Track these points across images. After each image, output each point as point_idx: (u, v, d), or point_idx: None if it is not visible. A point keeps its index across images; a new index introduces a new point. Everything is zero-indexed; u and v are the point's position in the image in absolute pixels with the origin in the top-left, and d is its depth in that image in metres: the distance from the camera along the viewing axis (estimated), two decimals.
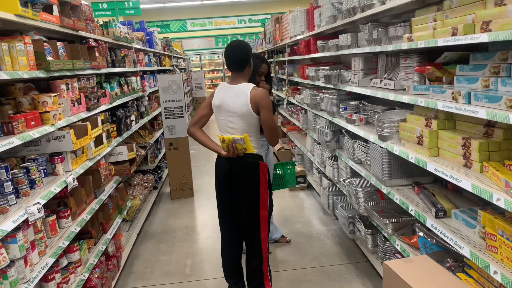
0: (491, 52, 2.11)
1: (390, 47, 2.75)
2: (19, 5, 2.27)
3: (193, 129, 2.89)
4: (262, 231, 2.82)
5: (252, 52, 2.80)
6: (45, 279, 2.43)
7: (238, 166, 2.75)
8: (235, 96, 2.71)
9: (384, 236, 3.04)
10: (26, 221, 2.14)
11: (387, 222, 2.85)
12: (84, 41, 3.51)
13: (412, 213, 2.51)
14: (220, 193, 2.91)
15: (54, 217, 2.58)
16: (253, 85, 2.74)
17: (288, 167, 3.76)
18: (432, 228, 2.29)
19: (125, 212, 4.02)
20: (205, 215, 5.02)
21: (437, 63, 2.46)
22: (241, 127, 2.73)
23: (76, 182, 2.72)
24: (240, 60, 2.72)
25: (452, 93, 2.04)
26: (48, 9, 2.76)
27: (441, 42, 2.07)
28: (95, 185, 3.23)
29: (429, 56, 2.63)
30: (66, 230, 2.65)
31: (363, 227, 3.34)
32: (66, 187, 2.61)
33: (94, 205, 3.10)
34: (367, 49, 3.17)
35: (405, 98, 2.53)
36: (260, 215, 2.80)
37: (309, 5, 4.98)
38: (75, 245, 2.76)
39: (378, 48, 2.96)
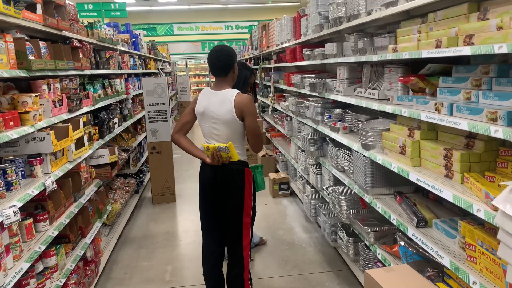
0: (473, 65, 2.15)
1: (375, 57, 2.78)
2: (1, 2, 2.22)
3: (177, 136, 2.86)
4: (245, 238, 2.80)
5: (236, 57, 2.79)
6: (19, 284, 2.35)
7: (223, 173, 2.73)
8: (219, 103, 2.68)
9: (365, 245, 3.05)
10: (1, 224, 2.07)
11: (369, 230, 2.85)
12: (68, 42, 3.45)
13: (394, 222, 2.52)
14: (204, 200, 2.88)
15: (30, 220, 2.51)
16: (237, 91, 2.73)
17: (257, 170, 3.77)
18: (413, 238, 2.31)
19: (105, 216, 3.94)
20: (187, 220, 4.96)
21: (421, 74, 2.49)
22: (226, 134, 2.71)
23: (55, 185, 2.65)
24: (224, 65, 2.71)
25: (435, 104, 2.07)
26: (31, 7, 2.70)
27: (425, 54, 2.10)
28: (75, 188, 3.16)
29: (413, 67, 2.67)
30: (43, 234, 2.58)
31: (345, 235, 3.34)
32: (45, 189, 2.55)
33: (73, 209, 3.03)
34: (352, 59, 3.20)
35: (388, 108, 2.55)
36: (243, 222, 2.78)
37: (296, 13, 5.02)
38: (52, 249, 2.69)
39: (363, 58, 2.99)
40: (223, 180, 2.73)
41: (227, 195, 2.75)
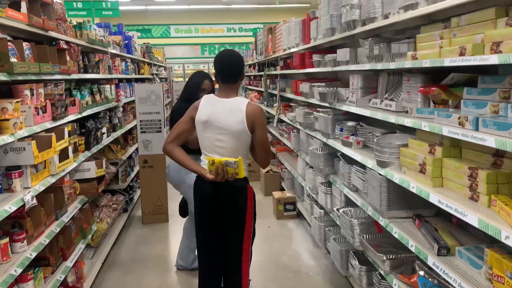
0: (501, 75, 2.15)
1: (392, 65, 2.79)
2: None
3: (170, 146, 2.83)
4: (244, 265, 2.79)
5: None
6: None
7: (225, 189, 2.72)
8: (228, 112, 2.69)
9: (380, 274, 3.02)
10: None
11: (384, 258, 2.83)
12: (54, 43, 3.50)
13: (412, 249, 2.50)
14: (202, 220, 2.86)
15: (7, 240, 2.51)
16: (248, 100, 2.76)
17: None
18: (433, 267, 2.28)
19: (90, 236, 3.93)
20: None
21: (443, 84, 2.50)
22: (232, 146, 2.72)
23: (35, 201, 2.66)
24: (235, 71, 2.75)
25: (459, 117, 2.07)
26: (15, 5, 2.75)
27: (447, 62, 2.11)
28: (57, 205, 3.16)
29: (434, 76, 2.68)
30: (20, 256, 2.57)
31: (357, 263, 3.32)
32: (23, 206, 2.55)
33: (55, 228, 3.03)
34: (367, 66, 3.21)
35: (407, 121, 2.55)
36: (243, 245, 2.77)
37: (305, 15, 5.07)
38: (29, 273, 2.68)
39: (379, 66, 3.00)
40: (226, 197, 2.72)
41: (228, 214, 2.74)
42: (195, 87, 3.83)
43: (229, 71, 2.74)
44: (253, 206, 2.81)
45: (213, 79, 3.42)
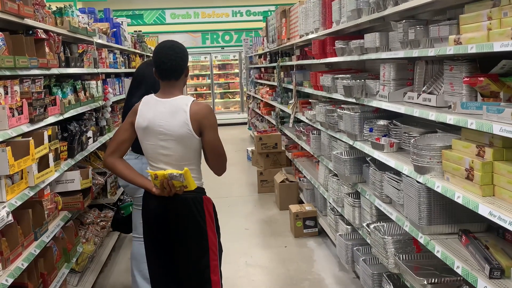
0: None
1: (431, 52, 2.79)
2: None
3: (111, 159, 2.89)
4: (214, 285, 2.84)
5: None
6: None
7: (175, 205, 2.79)
8: (170, 114, 2.75)
9: None
10: None
11: (425, 282, 2.82)
12: (31, 32, 3.55)
13: (459, 271, 2.49)
14: (151, 243, 2.94)
15: None
16: (193, 98, 2.82)
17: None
18: None
19: (74, 260, 3.97)
20: None
21: (493, 73, 2.49)
22: (178, 153, 2.78)
23: (11, 218, 2.69)
24: (177, 65, 2.79)
25: None
26: None
27: (498, 47, 2.10)
28: (36, 223, 3.20)
29: (482, 64, 2.67)
30: None
31: None
32: None
33: (34, 249, 3.06)
34: (400, 54, 3.21)
35: (450, 118, 2.55)
36: (210, 266, 2.83)
37: None
38: None
39: (415, 53, 3.00)
40: (176, 213, 2.79)
41: (183, 234, 2.80)
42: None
43: (171, 65, 2.77)
44: (214, 218, 2.89)
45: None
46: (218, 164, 2.87)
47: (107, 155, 2.92)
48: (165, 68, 2.79)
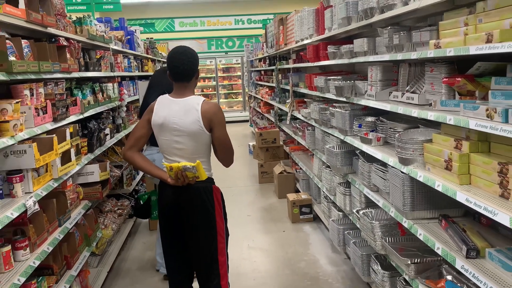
0: None
1: (413, 55, 2.79)
2: None
3: (130, 153, 2.93)
4: (221, 267, 2.87)
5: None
6: None
7: (187, 194, 2.81)
8: (183, 112, 2.77)
9: (405, 280, 3.01)
10: None
11: (409, 262, 2.83)
12: (53, 40, 3.55)
13: (439, 252, 2.50)
14: (166, 229, 2.96)
15: (9, 248, 2.56)
16: (204, 98, 2.83)
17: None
18: (462, 271, 2.28)
19: (94, 244, 3.98)
20: None
21: (469, 74, 2.49)
22: (190, 148, 2.80)
23: (37, 206, 2.70)
24: (189, 69, 2.81)
25: (487, 109, 2.06)
26: (13, 1, 2.80)
27: (473, 50, 2.10)
28: (60, 211, 3.21)
29: (459, 66, 2.67)
30: (23, 264, 2.62)
31: (380, 268, 3.31)
32: (25, 211, 2.60)
33: (58, 235, 3.07)
34: (386, 57, 3.21)
35: (431, 115, 2.55)
36: (218, 248, 2.85)
37: (319, 4, 5.07)
38: (32, 282, 2.73)
39: (399, 56, 3.00)
40: (188, 201, 2.81)
41: (194, 219, 2.82)
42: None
43: (183, 69, 2.79)
44: (222, 205, 2.90)
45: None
46: (226, 156, 2.88)
47: (126, 149, 2.96)
48: (178, 72, 2.81)
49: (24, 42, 2.95)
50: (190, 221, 2.84)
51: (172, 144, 2.82)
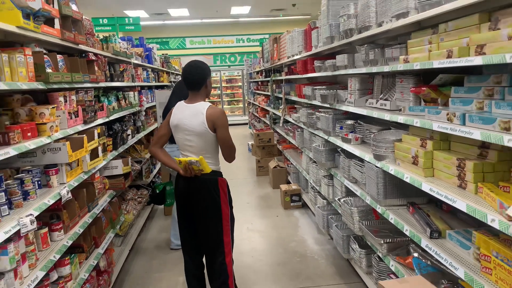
0: (485, 75, 2.14)
1: (386, 68, 2.79)
2: (21, 18, 2.30)
3: (154, 149, 3.00)
4: (226, 246, 2.87)
5: (209, 73, 2.88)
6: None
7: (195, 184, 2.82)
8: (192, 115, 2.78)
9: (378, 256, 3.02)
10: (18, 233, 2.11)
11: (382, 242, 2.83)
12: (84, 55, 3.54)
13: (407, 233, 2.50)
14: (181, 213, 2.97)
15: (46, 229, 2.55)
16: (209, 104, 2.84)
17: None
18: (426, 249, 2.28)
19: (118, 227, 3.97)
20: None
21: (433, 84, 2.50)
22: (199, 145, 2.81)
23: (70, 195, 2.70)
24: (196, 79, 2.81)
25: (447, 114, 2.07)
26: (49, 22, 2.79)
27: (436, 64, 2.11)
28: (89, 199, 3.20)
29: (424, 78, 2.67)
30: (58, 243, 2.62)
31: (357, 247, 3.32)
32: (60, 199, 2.59)
33: (87, 219, 3.07)
34: (363, 70, 3.21)
35: (400, 119, 2.55)
36: (223, 230, 2.86)
37: (306, 26, 5.06)
38: (66, 258, 2.72)
39: (374, 69, 3.00)
40: (196, 190, 2.82)
41: (202, 205, 2.83)
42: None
43: (192, 79, 2.81)
44: (227, 194, 2.90)
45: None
46: (229, 154, 2.87)
47: (152, 145, 3.01)
48: (189, 82, 2.82)
49: (59, 57, 2.94)
50: (199, 207, 2.84)
51: (184, 142, 2.84)
